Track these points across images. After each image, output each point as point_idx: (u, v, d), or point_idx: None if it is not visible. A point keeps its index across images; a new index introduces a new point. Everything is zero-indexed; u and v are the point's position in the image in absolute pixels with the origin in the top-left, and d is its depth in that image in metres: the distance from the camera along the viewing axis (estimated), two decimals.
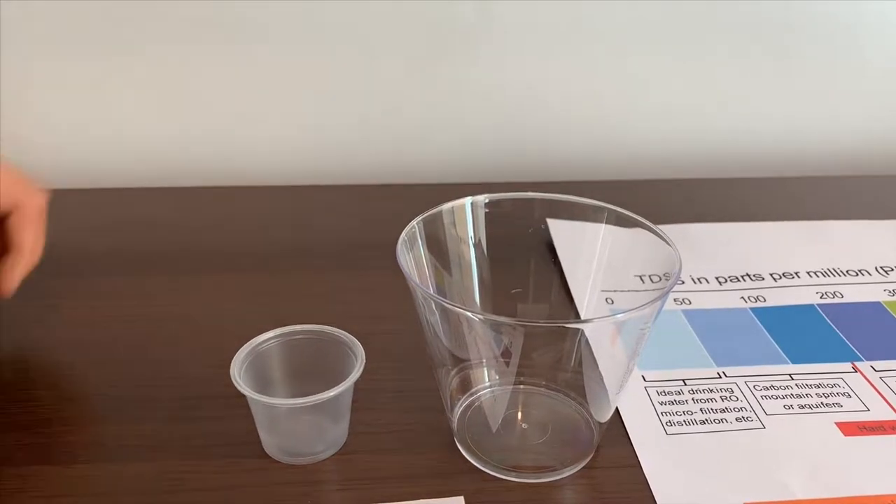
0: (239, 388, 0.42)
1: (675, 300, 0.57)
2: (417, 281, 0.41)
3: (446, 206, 0.46)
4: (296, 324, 0.47)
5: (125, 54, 0.72)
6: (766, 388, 0.49)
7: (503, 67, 0.75)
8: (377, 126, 0.77)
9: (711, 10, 0.74)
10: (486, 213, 0.47)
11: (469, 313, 0.41)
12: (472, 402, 0.46)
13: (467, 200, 0.47)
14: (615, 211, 0.46)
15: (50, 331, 0.55)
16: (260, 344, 0.45)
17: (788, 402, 0.48)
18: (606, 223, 0.47)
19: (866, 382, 0.50)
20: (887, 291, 0.59)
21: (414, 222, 0.45)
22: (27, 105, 0.73)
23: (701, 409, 0.48)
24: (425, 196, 0.50)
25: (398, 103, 0.76)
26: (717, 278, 0.60)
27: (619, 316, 0.40)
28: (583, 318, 0.49)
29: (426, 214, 0.45)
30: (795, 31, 0.76)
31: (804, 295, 0.58)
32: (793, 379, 0.50)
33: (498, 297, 0.48)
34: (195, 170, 0.76)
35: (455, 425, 0.46)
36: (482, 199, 0.47)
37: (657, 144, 0.80)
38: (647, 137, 0.79)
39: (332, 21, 0.72)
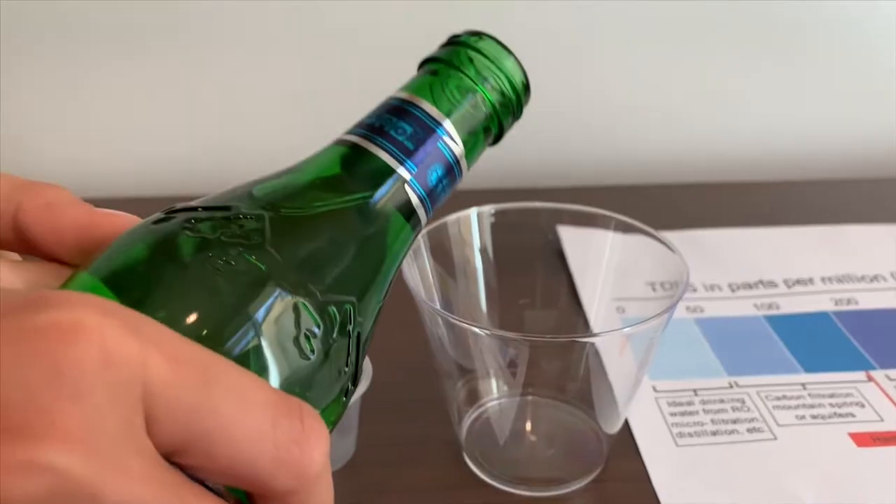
0: None
1: (687, 308, 0.57)
2: (423, 295, 0.41)
3: (451, 217, 0.45)
4: None
5: (121, 58, 0.72)
6: (778, 398, 0.49)
7: None
8: None
9: (723, 13, 0.74)
10: (492, 223, 0.47)
11: (475, 328, 0.40)
12: (480, 415, 0.46)
13: (473, 211, 0.46)
14: (622, 221, 0.46)
15: None
16: None
17: (801, 412, 0.48)
18: (614, 231, 0.46)
19: (880, 392, 0.49)
20: None
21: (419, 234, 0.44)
22: (24, 109, 0.72)
23: (712, 420, 0.47)
24: None
25: None
26: (729, 285, 0.59)
27: (625, 330, 0.40)
28: (592, 326, 0.49)
29: (431, 226, 0.45)
30: (809, 31, 0.75)
31: (818, 302, 0.58)
32: (805, 388, 0.50)
33: (505, 305, 0.48)
34: (192, 179, 0.76)
35: (463, 438, 0.45)
36: (488, 209, 0.47)
37: (668, 148, 0.79)
38: (657, 141, 0.79)
39: (331, 25, 0.72)
